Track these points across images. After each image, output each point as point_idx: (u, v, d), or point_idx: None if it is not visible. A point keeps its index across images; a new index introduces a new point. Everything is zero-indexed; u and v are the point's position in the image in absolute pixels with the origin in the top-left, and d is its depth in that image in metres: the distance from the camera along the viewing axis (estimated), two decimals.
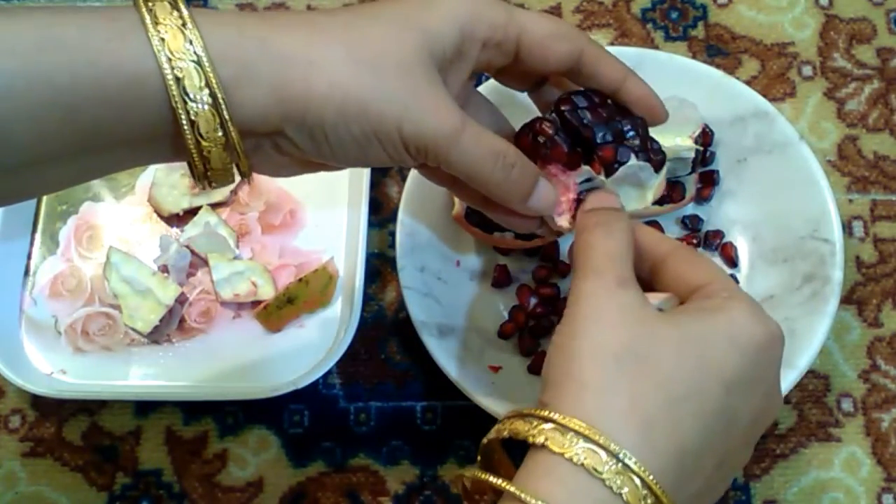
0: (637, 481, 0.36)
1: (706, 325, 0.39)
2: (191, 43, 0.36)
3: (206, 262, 0.62)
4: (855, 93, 0.68)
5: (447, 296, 0.59)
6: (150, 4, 0.37)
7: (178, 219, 0.64)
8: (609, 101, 0.47)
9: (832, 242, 0.57)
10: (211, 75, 0.37)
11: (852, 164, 0.67)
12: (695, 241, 0.62)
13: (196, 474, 0.60)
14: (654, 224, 0.62)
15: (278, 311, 0.61)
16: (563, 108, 0.46)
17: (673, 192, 0.60)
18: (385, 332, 0.63)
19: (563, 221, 0.46)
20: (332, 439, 0.60)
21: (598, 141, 0.45)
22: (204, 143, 0.38)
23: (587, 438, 0.36)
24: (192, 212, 0.63)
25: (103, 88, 0.36)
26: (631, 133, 0.46)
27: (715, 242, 0.61)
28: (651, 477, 0.36)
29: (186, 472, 0.60)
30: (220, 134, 0.37)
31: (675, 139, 0.59)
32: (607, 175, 0.45)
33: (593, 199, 0.45)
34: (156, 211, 0.64)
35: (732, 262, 0.60)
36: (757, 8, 0.71)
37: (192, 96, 0.36)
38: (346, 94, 0.38)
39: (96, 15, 0.37)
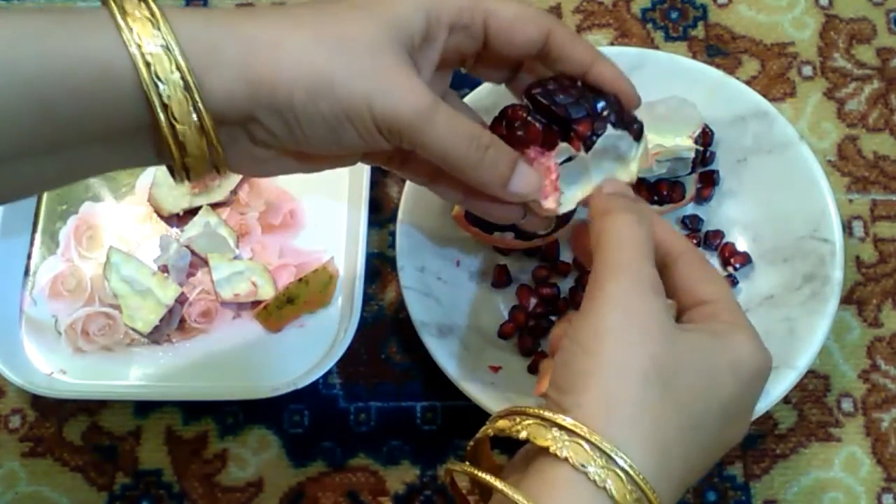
0: None
1: (715, 351, 0.40)
2: (159, 29, 0.37)
3: (206, 262, 0.62)
4: (855, 93, 0.68)
5: (447, 296, 0.59)
6: (118, 0, 0.38)
7: (179, 219, 0.64)
8: (580, 83, 0.46)
9: (832, 242, 0.57)
10: (180, 59, 0.37)
11: (852, 164, 0.67)
12: (695, 241, 0.62)
13: (196, 474, 0.60)
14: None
15: (278, 311, 0.61)
16: (534, 91, 0.45)
17: (673, 192, 0.60)
18: (385, 332, 0.63)
19: (549, 203, 0.45)
20: (332, 439, 0.60)
21: (573, 116, 0.44)
22: (179, 127, 0.37)
23: (609, 459, 0.36)
24: (192, 212, 0.63)
25: (75, 78, 0.36)
26: (604, 107, 0.45)
27: (715, 242, 0.61)
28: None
29: (186, 472, 0.60)
30: (193, 117, 0.37)
31: (675, 139, 0.59)
32: (587, 149, 0.45)
33: (611, 184, 0.45)
34: (156, 211, 0.64)
35: (732, 262, 0.60)
36: (757, 8, 0.71)
37: (163, 79, 0.36)
38: (314, 73, 0.38)
39: (69, 12, 0.37)
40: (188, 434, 0.61)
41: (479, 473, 0.38)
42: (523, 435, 0.37)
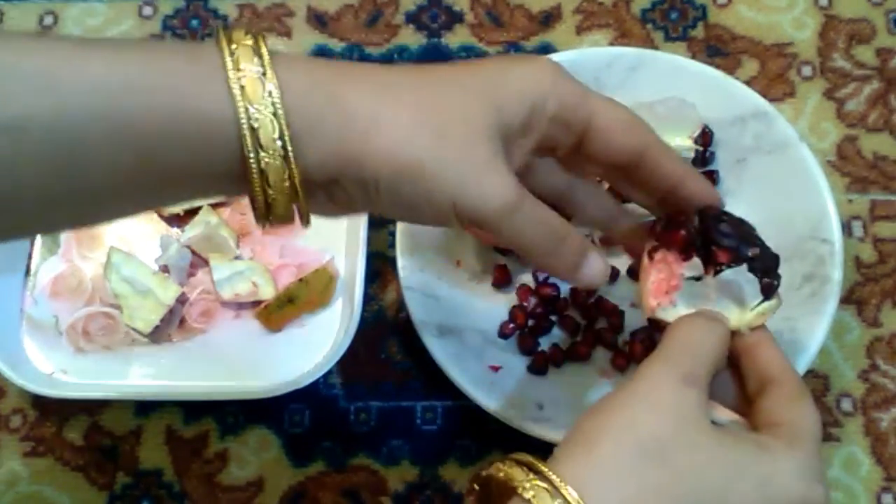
0: None
1: (747, 458, 0.39)
2: (269, 94, 0.36)
3: (206, 262, 0.62)
4: (854, 93, 0.69)
5: (447, 296, 0.59)
6: (232, 47, 0.37)
7: (179, 219, 0.64)
8: (753, 231, 0.47)
9: (831, 242, 0.57)
10: (285, 129, 0.36)
11: (852, 164, 0.67)
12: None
13: (196, 474, 0.60)
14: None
15: (278, 310, 0.61)
16: (708, 212, 0.45)
17: None
18: (385, 332, 0.63)
19: (653, 302, 0.45)
20: (333, 439, 0.60)
21: (722, 243, 0.44)
22: (270, 192, 0.37)
23: None
24: (192, 212, 0.63)
25: (180, 133, 0.36)
26: (755, 254, 0.45)
27: None
28: None
29: (187, 472, 0.60)
30: (286, 184, 0.37)
31: (674, 139, 0.59)
32: (715, 273, 0.44)
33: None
34: (156, 211, 0.64)
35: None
36: (757, 8, 0.71)
37: (264, 147, 0.36)
38: (403, 160, 0.38)
39: (179, 56, 0.37)
40: (189, 434, 0.61)
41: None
42: (528, 495, 0.37)
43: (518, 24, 0.71)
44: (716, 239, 0.44)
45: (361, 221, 0.60)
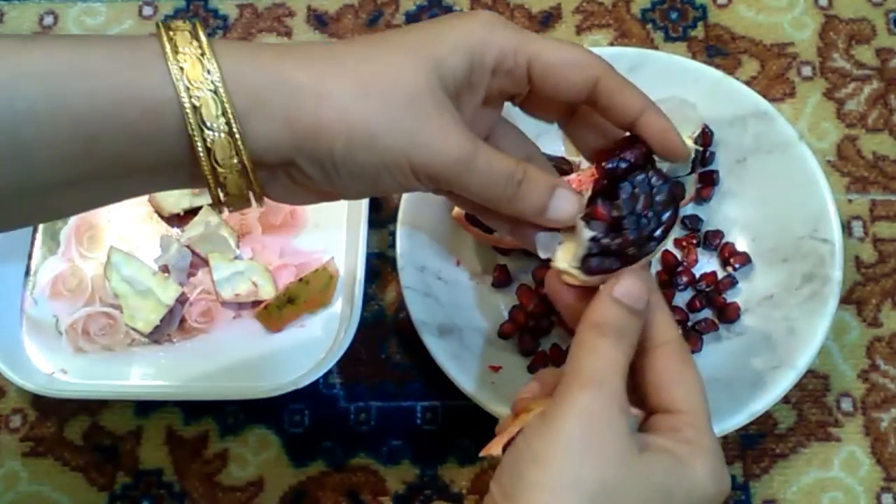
0: None
1: (673, 477, 0.40)
2: (209, 72, 0.37)
3: (206, 262, 0.62)
4: (854, 93, 0.69)
5: (447, 296, 0.59)
6: (171, 34, 0.38)
7: (179, 219, 0.64)
8: (653, 166, 0.44)
9: (832, 242, 0.57)
10: (227, 105, 0.37)
11: (852, 164, 0.67)
12: (694, 241, 0.62)
13: (196, 474, 0.60)
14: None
15: (279, 310, 0.61)
16: (605, 164, 0.43)
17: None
18: (385, 332, 0.63)
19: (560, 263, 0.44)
20: (333, 439, 0.60)
21: (606, 207, 0.43)
22: (220, 170, 0.38)
23: None
24: (192, 212, 0.63)
25: (123, 117, 0.37)
26: (617, 241, 0.43)
27: (714, 242, 0.61)
28: None
29: (187, 472, 0.60)
30: (235, 161, 0.38)
31: None
32: (584, 217, 0.43)
33: (624, 285, 0.42)
34: (156, 211, 0.64)
35: (732, 262, 0.60)
36: (757, 8, 0.71)
37: (208, 125, 0.37)
38: (354, 126, 0.39)
39: (121, 45, 0.38)
40: (188, 434, 0.61)
41: None
42: None
43: (518, 24, 0.71)
44: (609, 196, 0.43)
45: (361, 221, 0.60)
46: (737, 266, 0.60)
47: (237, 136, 0.37)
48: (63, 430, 0.61)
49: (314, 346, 0.60)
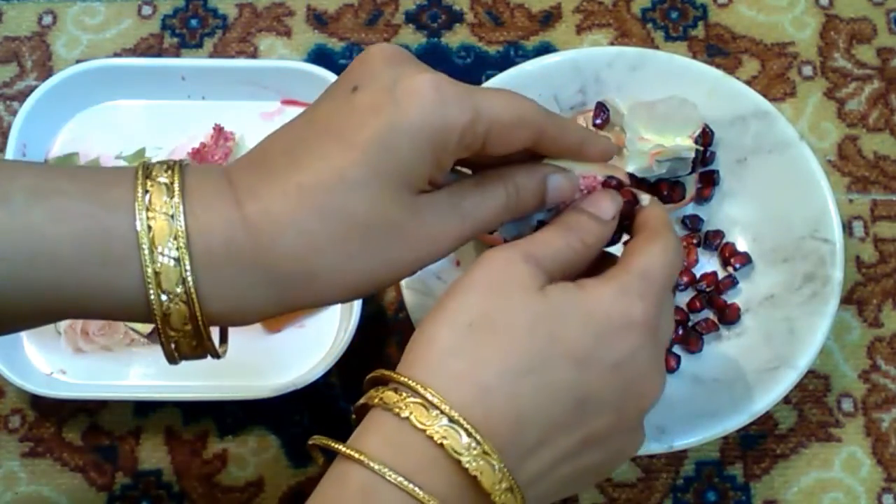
0: (463, 437, 0.36)
1: (568, 300, 0.39)
2: (186, 274, 0.37)
3: None
4: (855, 93, 0.68)
5: None
6: (149, 234, 0.37)
7: None
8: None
9: (832, 242, 0.57)
10: (198, 309, 0.38)
11: (852, 164, 0.67)
12: (695, 241, 0.62)
13: (196, 474, 0.60)
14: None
15: None
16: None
17: (673, 192, 0.60)
18: (385, 332, 0.63)
19: None
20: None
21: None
22: (172, 333, 0.39)
23: (415, 393, 0.37)
24: None
25: (91, 305, 0.38)
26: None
27: (715, 242, 0.61)
28: (477, 433, 0.36)
29: (186, 472, 0.60)
30: (188, 327, 0.39)
31: (675, 139, 0.59)
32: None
33: (587, 201, 0.44)
34: None
35: (732, 262, 0.60)
36: (757, 8, 0.71)
37: (176, 327, 0.39)
38: (351, 283, 0.39)
39: (90, 221, 0.37)
40: (188, 434, 0.61)
41: (330, 442, 0.38)
42: (375, 401, 0.38)
43: (518, 24, 0.71)
44: None
45: None
46: (737, 266, 0.60)
47: (202, 331, 0.39)
48: (62, 430, 0.61)
49: (314, 346, 0.60)
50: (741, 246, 0.61)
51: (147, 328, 0.60)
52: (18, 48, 0.72)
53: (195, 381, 0.60)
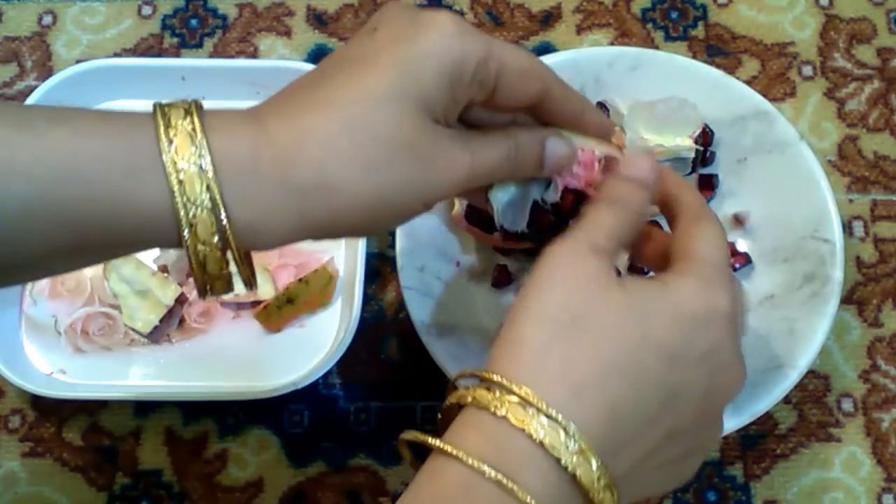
0: (562, 434, 0.36)
1: (653, 296, 0.40)
2: (207, 185, 0.37)
3: None
4: (855, 93, 0.68)
5: (447, 296, 0.59)
6: (170, 134, 0.38)
7: None
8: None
9: (832, 242, 0.57)
10: (226, 223, 0.38)
11: (852, 164, 0.67)
12: None
13: (196, 474, 0.60)
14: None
15: (278, 311, 0.61)
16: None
17: None
18: (385, 332, 0.63)
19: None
20: (332, 439, 0.60)
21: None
22: (199, 247, 0.38)
23: (510, 391, 0.37)
24: None
25: (120, 225, 0.37)
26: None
27: None
28: (575, 431, 0.36)
29: (186, 472, 0.60)
30: (216, 239, 0.38)
31: (675, 139, 0.59)
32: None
33: (629, 165, 0.44)
34: None
35: (732, 262, 0.60)
36: (757, 8, 0.71)
37: (203, 240, 0.38)
38: (369, 203, 0.39)
39: (115, 142, 0.37)
40: (188, 434, 0.61)
41: (427, 438, 0.38)
42: (469, 399, 0.38)
43: (518, 24, 0.71)
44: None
45: None
46: (737, 266, 0.60)
47: (220, 207, 0.37)
48: (62, 430, 0.61)
49: (314, 346, 0.60)
50: (741, 246, 0.61)
51: (147, 328, 0.60)
52: (18, 48, 0.72)
53: (195, 381, 0.60)
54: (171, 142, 0.37)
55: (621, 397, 0.38)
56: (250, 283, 0.41)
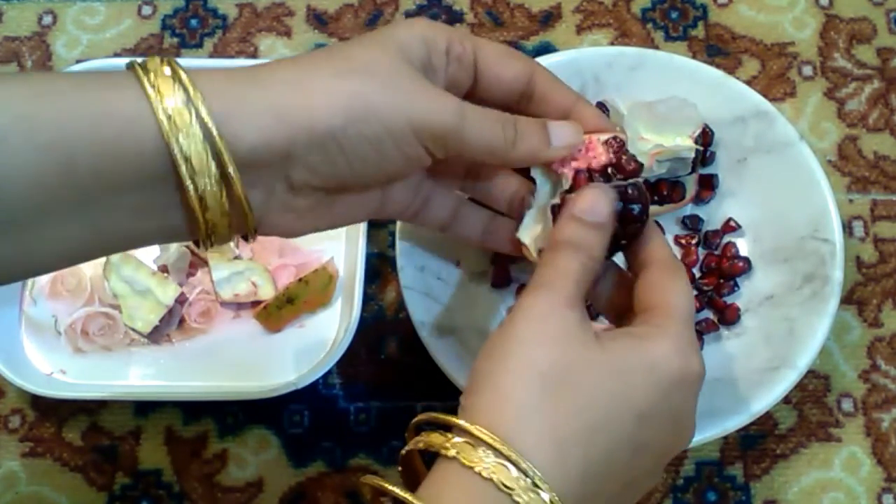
0: (546, 499, 0.37)
1: (630, 355, 0.41)
2: (181, 83, 0.37)
3: (205, 262, 0.62)
4: (855, 93, 0.68)
5: (447, 296, 0.59)
6: (142, 63, 0.39)
7: None
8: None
9: (832, 242, 0.57)
10: (202, 110, 0.37)
11: (852, 164, 0.67)
12: (695, 241, 0.62)
13: (196, 474, 0.60)
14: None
15: (278, 311, 0.61)
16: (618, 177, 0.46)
17: (673, 192, 0.60)
18: (385, 332, 0.63)
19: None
20: (332, 439, 0.60)
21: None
22: (198, 180, 0.38)
23: (499, 453, 0.37)
24: None
25: (100, 134, 0.36)
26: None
27: (715, 242, 0.61)
28: (556, 498, 0.37)
29: (186, 472, 0.60)
30: (213, 168, 0.37)
31: (675, 139, 0.59)
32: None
33: (580, 201, 0.44)
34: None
35: (732, 270, 0.60)
36: (757, 8, 0.71)
37: (183, 131, 0.37)
38: (350, 101, 0.39)
39: (89, 73, 0.39)
40: (188, 434, 0.61)
41: (386, 485, 0.39)
42: (451, 453, 0.38)
43: (518, 24, 0.71)
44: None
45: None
46: (738, 274, 0.60)
47: (216, 139, 0.37)
48: (62, 430, 0.61)
49: (314, 346, 0.60)
50: (741, 246, 0.61)
51: (147, 328, 0.60)
52: (18, 48, 0.72)
53: (195, 381, 0.60)
54: (153, 86, 0.37)
55: (596, 456, 0.39)
56: (250, 228, 0.41)
